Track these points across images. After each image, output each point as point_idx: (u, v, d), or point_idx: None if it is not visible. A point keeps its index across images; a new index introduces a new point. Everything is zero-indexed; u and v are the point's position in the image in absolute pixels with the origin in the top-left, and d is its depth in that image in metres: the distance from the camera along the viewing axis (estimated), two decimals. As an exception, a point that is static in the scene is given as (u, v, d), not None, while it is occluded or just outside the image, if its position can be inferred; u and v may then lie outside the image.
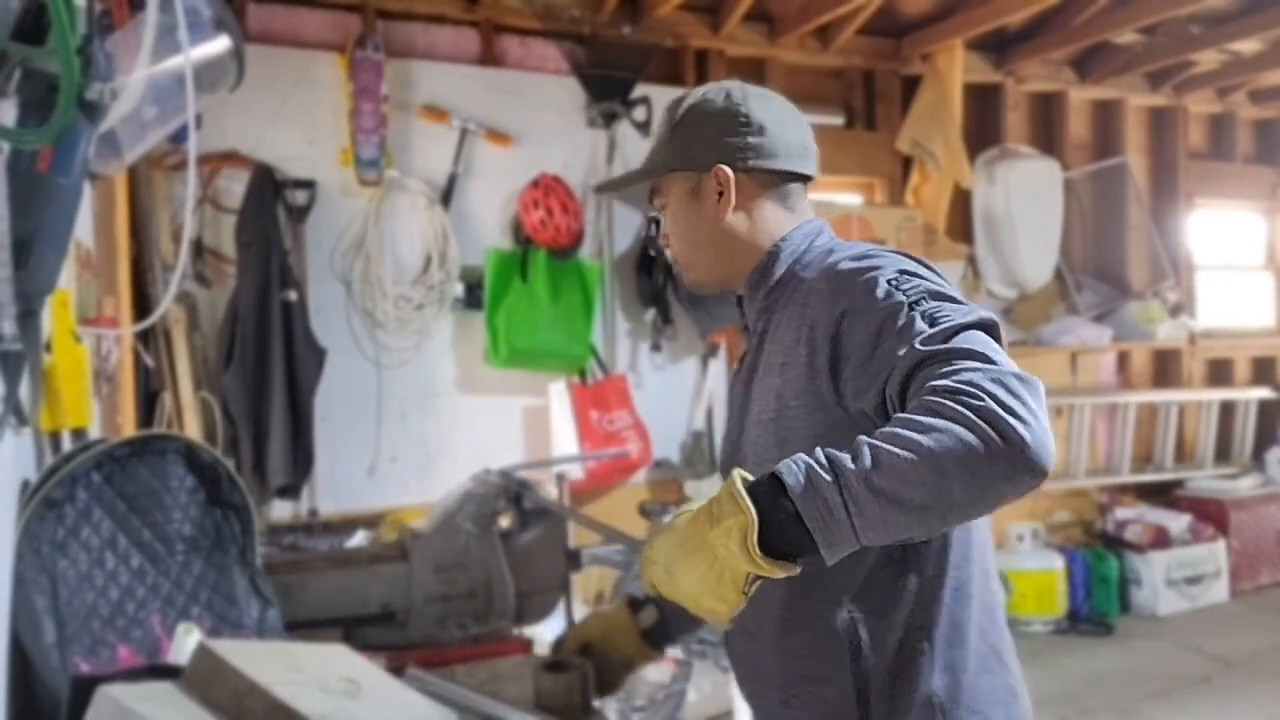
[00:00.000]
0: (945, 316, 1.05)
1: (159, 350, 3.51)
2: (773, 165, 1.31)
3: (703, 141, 1.30)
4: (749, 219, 1.31)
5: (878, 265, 1.14)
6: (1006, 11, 4.61)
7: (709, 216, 1.31)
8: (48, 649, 1.65)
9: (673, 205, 1.35)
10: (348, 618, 3.07)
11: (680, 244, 1.36)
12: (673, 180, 1.34)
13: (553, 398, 4.21)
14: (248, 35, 3.55)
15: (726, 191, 1.29)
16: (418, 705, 1.54)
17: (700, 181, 1.31)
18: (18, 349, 1.18)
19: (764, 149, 1.30)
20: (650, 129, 4.31)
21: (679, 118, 1.32)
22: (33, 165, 1.19)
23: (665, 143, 1.34)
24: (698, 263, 1.36)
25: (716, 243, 1.32)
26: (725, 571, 0.98)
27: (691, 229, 1.33)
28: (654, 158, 1.36)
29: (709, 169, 1.29)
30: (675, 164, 1.32)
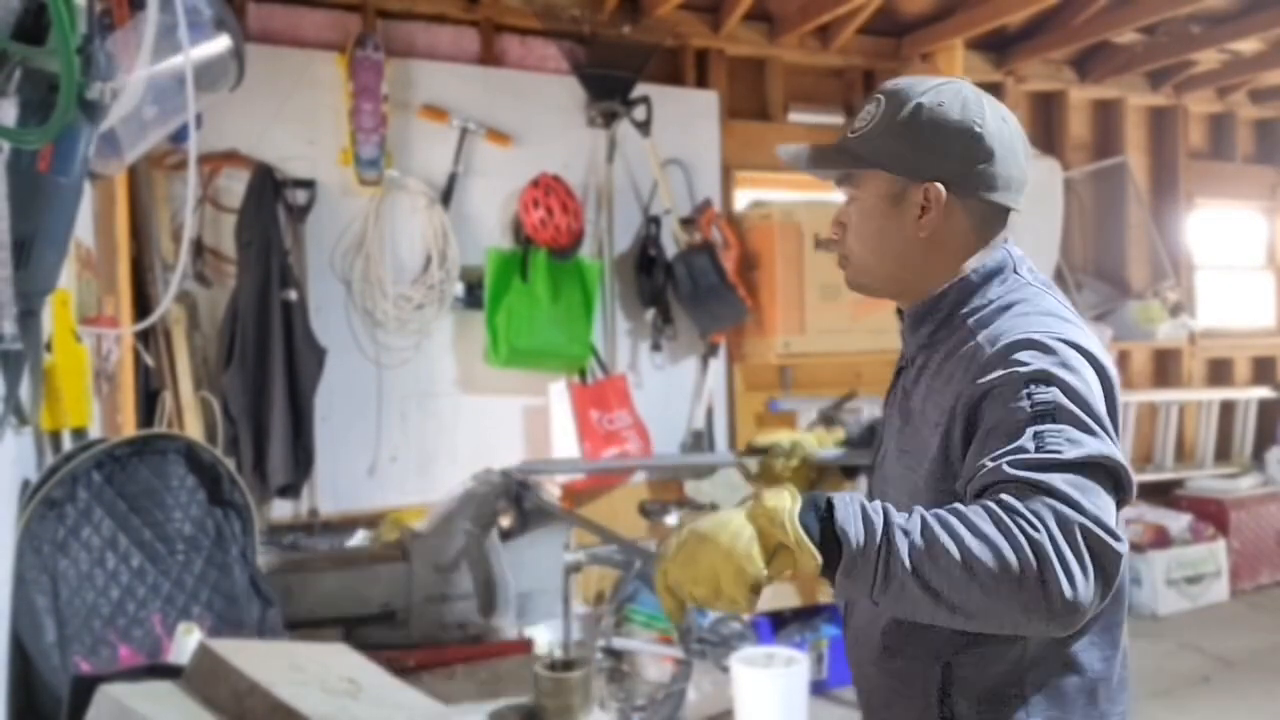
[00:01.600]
0: (1056, 446, 1.00)
1: (159, 350, 3.51)
2: (990, 198, 1.22)
3: (927, 151, 1.20)
4: (943, 243, 1.23)
5: (1025, 362, 1.07)
6: (1006, 11, 4.61)
7: (904, 228, 1.23)
8: (48, 648, 1.65)
9: (867, 202, 1.26)
10: (348, 618, 3.07)
11: (861, 245, 1.27)
12: (876, 176, 1.24)
13: (553, 397, 4.21)
14: (248, 35, 3.55)
15: (932, 211, 1.21)
16: (418, 705, 1.54)
17: (906, 189, 1.22)
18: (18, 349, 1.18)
19: (987, 178, 1.21)
20: (650, 128, 4.32)
21: (906, 115, 1.21)
22: (33, 165, 1.19)
23: (883, 135, 1.22)
24: (873, 269, 1.28)
25: (902, 256, 1.24)
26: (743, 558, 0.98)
27: (880, 234, 1.25)
28: (865, 145, 1.24)
29: (921, 181, 1.21)
30: (888, 164, 1.22)
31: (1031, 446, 1.00)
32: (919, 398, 1.23)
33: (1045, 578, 0.91)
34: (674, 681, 3.63)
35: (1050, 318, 1.15)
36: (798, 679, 3.47)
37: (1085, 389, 1.06)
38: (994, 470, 1.00)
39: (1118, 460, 1.03)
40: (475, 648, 2.84)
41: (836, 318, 4.55)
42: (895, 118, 1.21)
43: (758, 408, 4.77)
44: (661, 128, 4.36)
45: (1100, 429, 1.04)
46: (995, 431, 1.05)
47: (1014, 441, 1.01)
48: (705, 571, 0.99)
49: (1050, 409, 1.03)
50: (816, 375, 4.79)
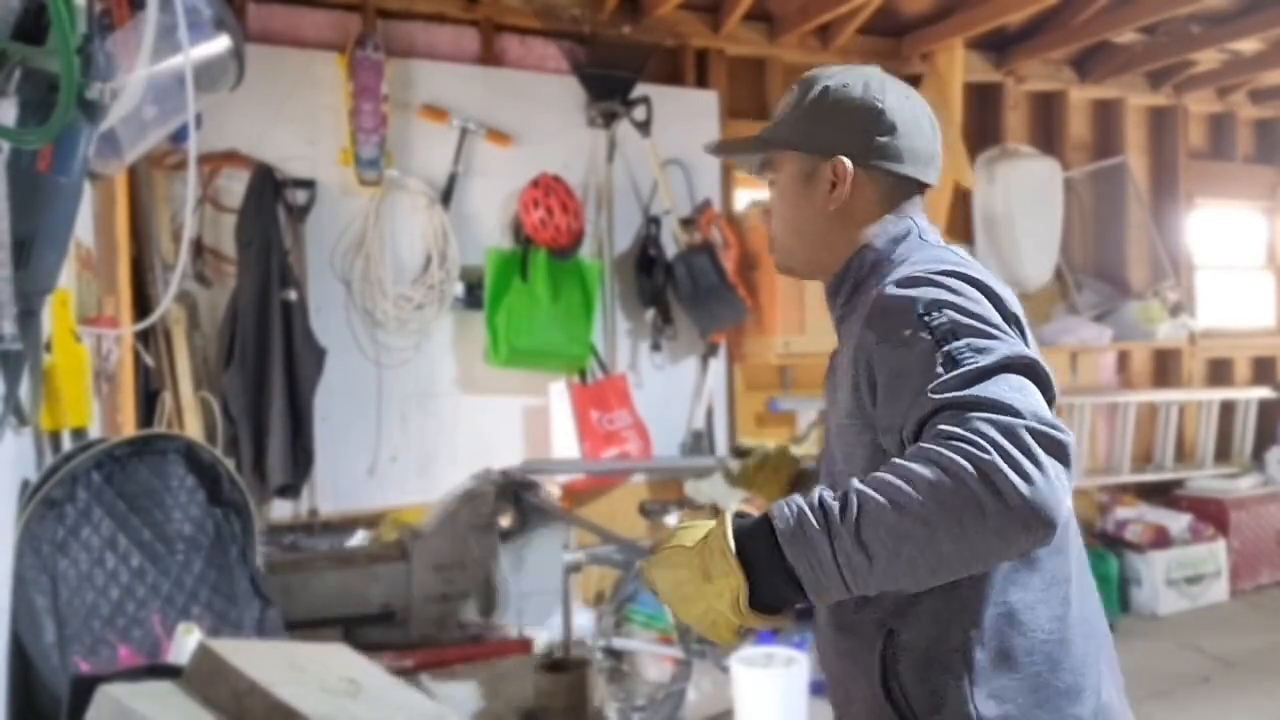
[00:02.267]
0: (968, 359, 1.00)
1: (159, 350, 3.51)
2: (894, 168, 1.27)
3: (831, 128, 1.26)
4: (853, 217, 1.27)
5: (912, 295, 1.09)
6: (1006, 11, 4.61)
7: (816, 204, 1.28)
8: (48, 648, 1.65)
9: (782, 183, 1.32)
10: (348, 617, 3.08)
11: (782, 226, 1.33)
12: (790, 159, 1.30)
13: (553, 397, 4.21)
14: (248, 35, 3.55)
15: (840, 185, 1.26)
16: (418, 705, 1.54)
17: (816, 167, 1.27)
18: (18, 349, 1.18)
19: (890, 150, 1.26)
20: (649, 128, 4.32)
21: (813, 97, 1.27)
22: (33, 165, 1.19)
23: (792, 119, 1.29)
24: (791, 248, 1.33)
25: (815, 232, 1.29)
26: (719, 619, 1.02)
27: (794, 212, 1.30)
28: (778, 130, 1.31)
29: (829, 157, 1.26)
30: (797, 143, 1.28)
31: (944, 371, 1.00)
32: (841, 365, 1.24)
33: (998, 486, 0.89)
34: (674, 681, 3.63)
35: (934, 261, 1.17)
36: (797, 679, 3.47)
37: (975, 305, 1.07)
38: (922, 402, 1.00)
39: (1032, 356, 1.03)
40: (475, 648, 2.84)
41: (836, 318, 4.55)
42: (804, 101, 1.28)
43: (758, 408, 4.77)
44: (661, 128, 4.36)
45: (1003, 334, 1.04)
46: (905, 371, 1.05)
47: (928, 370, 1.02)
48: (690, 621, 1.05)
49: (948, 328, 1.04)
50: (816, 375, 4.78)
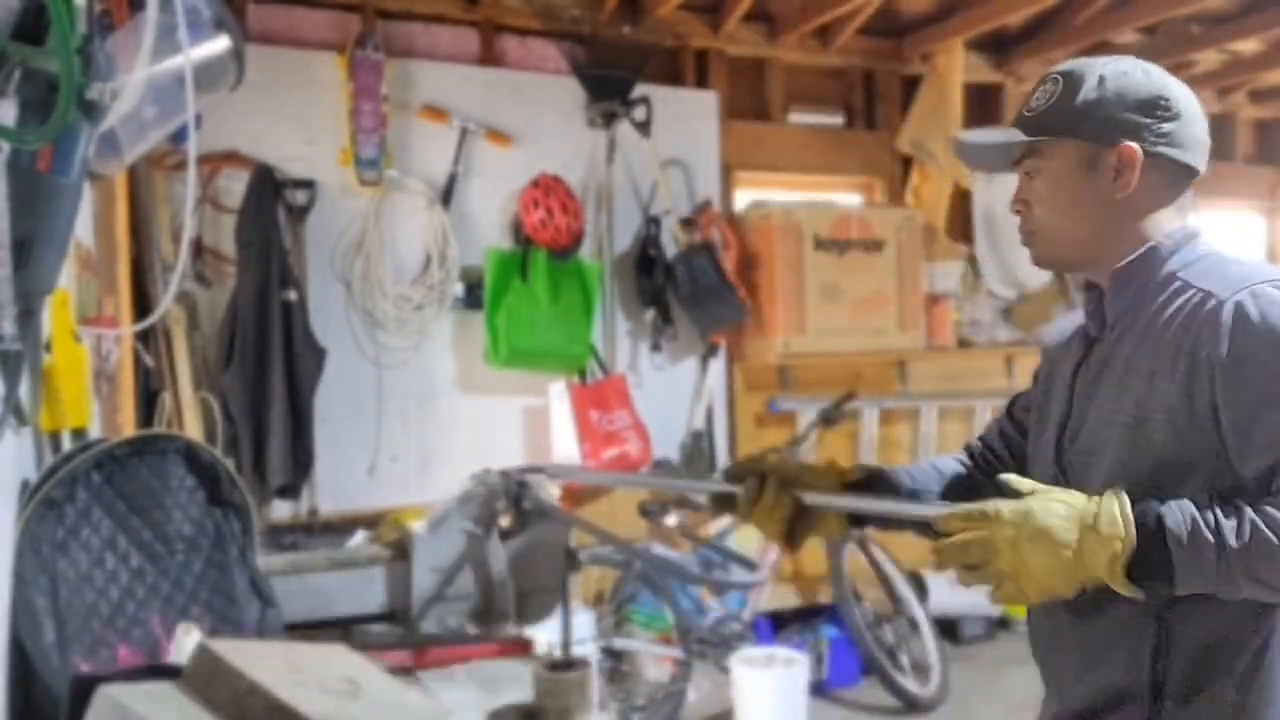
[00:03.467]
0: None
1: (159, 350, 3.51)
2: (1179, 156, 1.25)
3: (1118, 114, 1.23)
4: (1139, 206, 1.25)
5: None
6: (1006, 11, 4.61)
7: (1100, 193, 1.24)
8: (48, 649, 1.65)
9: (1056, 172, 1.27)
10: (348, 618, 3.07)
11: (1052, 214, 1.28)
12: (1065, 147, 1.26)
13: (553, 398, 4.21)
14: (248, 35, 3.55)
15: (1127, 172, 1.23)
16: (418, 705, 1.54)
17: (1099, 155, 1.24)
18: (18, 349, 1.18)
19: (1175, 137, 1.24)
20: (649, 129, 4.32)
21: (1094, 83, 1.24)
22: (33, 165, 1.19)
23: (1070, 108, 1.25)
24: (1065, 238, 1.29)
25: (1098, 221, 1.26)
26: (1077, 570, 1.06)
27: (1074, 202, 1.26)
28: (1047, 120, 1.26)
29: (1114, 144, 1.23)
30: (1082, 131, 1.24)
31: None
32: (1123, 357, 1.24)
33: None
34: (674, 681, 3.63)
35: (1266, 266, 1.19)
36: (798, 679, 3.47)
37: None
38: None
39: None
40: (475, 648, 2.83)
41: (836, 318, 4.55)
42: (1079, 90, 1.24)
43: (758, 408, 4.77)
44: (661, 128, 4.36)
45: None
46: (1264, 409, 1.09)
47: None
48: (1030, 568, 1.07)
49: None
50: (816, 375, 4.78)
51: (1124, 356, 1.24)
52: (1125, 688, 1.20)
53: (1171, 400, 1.15)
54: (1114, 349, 1.26)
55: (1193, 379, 1.13)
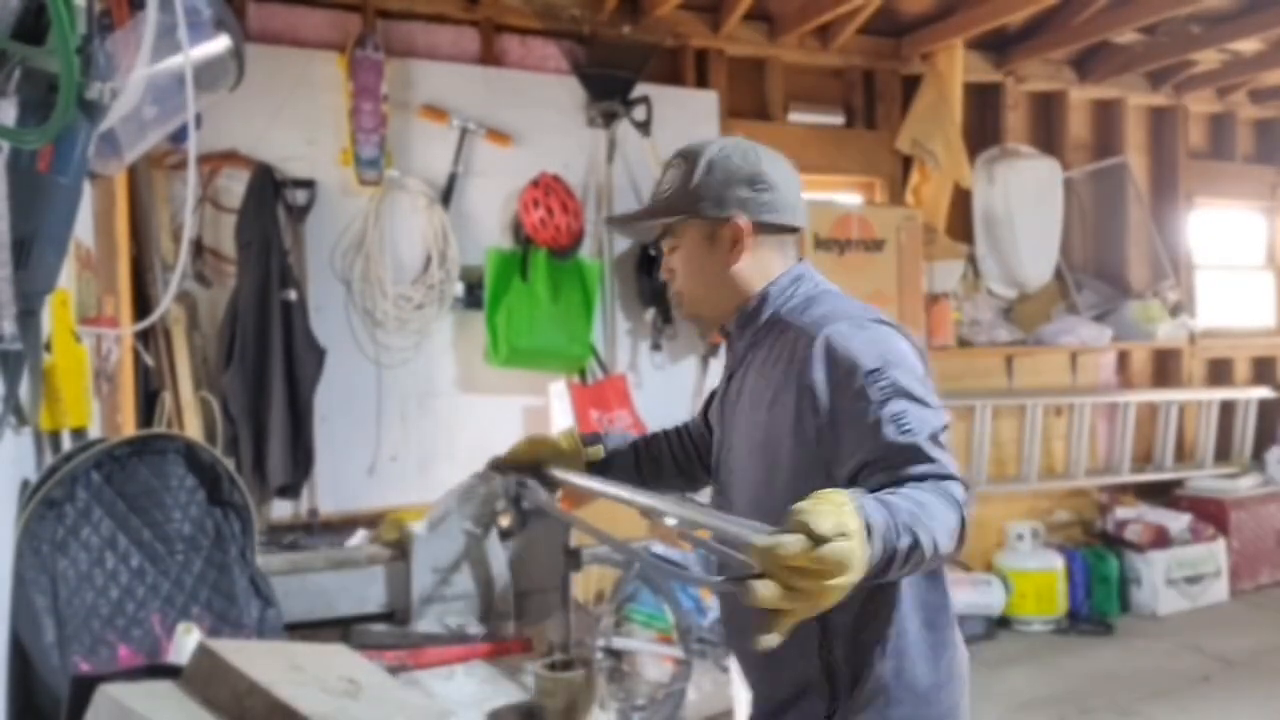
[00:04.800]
0: (908, 425, 1.25)
1: (159, 350, 3.51)
2: (779, 220, 1.48)
3: (724, 194, 1.45)
4: (752, 265, 1.48)
5: (863, 353, 1.31)
6: (1006, 11, 4.61)
7: (720, 261, 1.47)
8: (48, 648, 1.65)
9: (687, 247, 1.50)
10: (348, 618, 3.07)
11: (690, 283, 1.52)
12: (690, 225, 1.49)
13: (553, 397, 4.20)
14: (248, 35, 3.55)
15: (741, 241, 1.46)
16: (418, 705, 1.54)
17: (716, 230, 1.47)
18: (18, 349, 1.18)
19: (773, 204, 1.47)
20: (649, 128, 4.32)
21: (704, 168, 1.47)
22: (33, 165, 1.19)
23: (685, 191, 1.47)
24: (703, 300, 1.52)
25: (723, 284, 1.49)
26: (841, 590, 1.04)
27: (703, 270, 1.49)
28: (674, 202, 1.49)
29: (727, 220, 1.45)
30: (698, 211, 1.46)
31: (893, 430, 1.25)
32: (749, 390, 1.46)
33: (959, 548, 1.20)
34: (674, 681, 3.63)
35: (855, 307, 1.43)
36: (798, 679, 3.46)
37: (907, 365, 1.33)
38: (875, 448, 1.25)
39: (946, 423, 1.31)
40: (475, 648, 2.83)
41: (836, 318, 4.55)
42: (691, 172, 1.48)
43: (758, 408, 4.77)
44: (661, 128, 4.36)
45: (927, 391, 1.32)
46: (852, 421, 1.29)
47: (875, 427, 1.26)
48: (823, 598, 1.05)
49: (890, 393, 1.28)
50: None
51: (750, 386, 1.47)
52: (805, 679, 1.39)
53: (788, 425, 1.37)
54: (742, 382, 1.49)
55: (802, 407, 1.35)
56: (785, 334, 1.42)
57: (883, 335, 1.35)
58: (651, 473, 1.79)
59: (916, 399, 1.29)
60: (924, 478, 1.21)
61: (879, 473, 1.24)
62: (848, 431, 1.30)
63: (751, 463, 1.44)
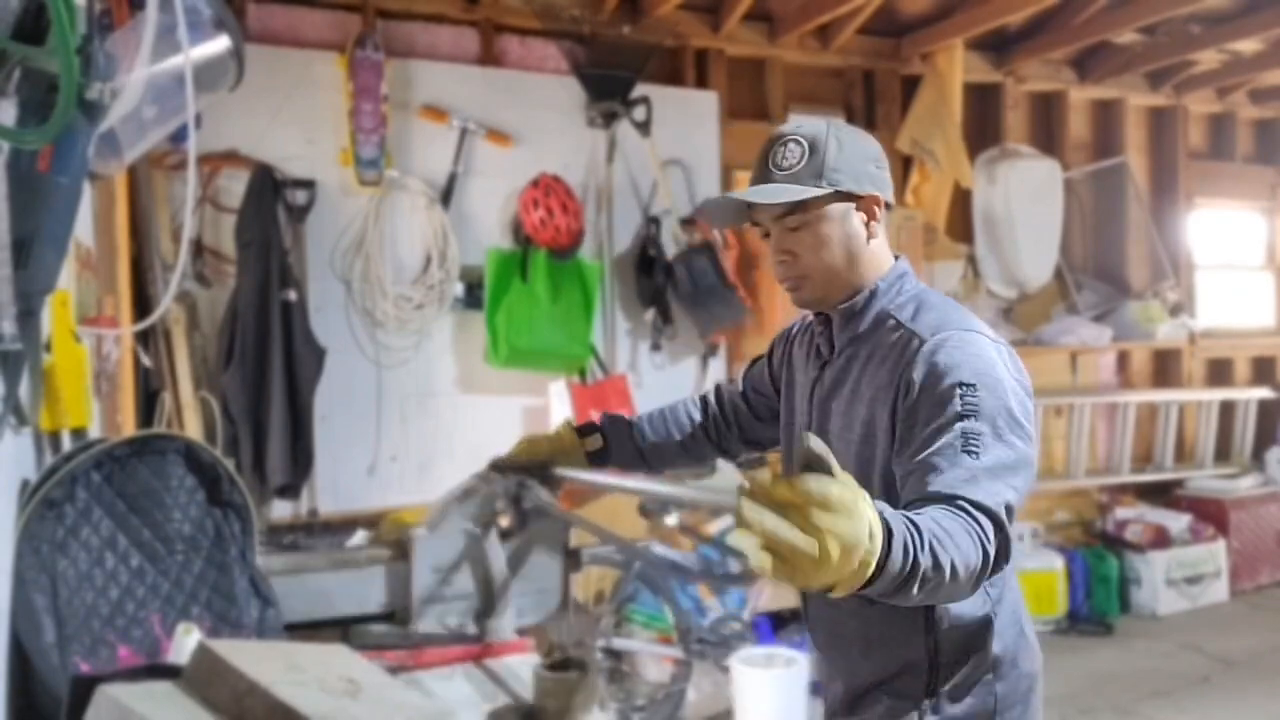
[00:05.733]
0: (975, 448, 1.22)
1: (159, 350, 3.51)
2: (890, 199, 1.50)
3: (865, 171, 1.45)
4: (875, 246, 1.47)
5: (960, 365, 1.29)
6: (1006, 11, 4.61)
7: (857, 239, 1.45)
8: (48, 648, 1.65)
9: (821, 225, 1.44)
10: (347, 618, 3.07)
11: (816, 260, 1.45)
12: (829, 201, 1.43)
13: (553, 397, 4.20)
14: (248, 35, 3.55)
15: (874, 220, 1.46)
16: (418, 705, 1.54)
17: (849, 206, 1.44)
18: (18, 349, 1.18)
19: (889, 185, 1.49)
20: (649, 129, 4.32)
21: (835, 145, 1.44)
22: (33, 165, 1.19)
23: (823, 166, 1.42)
24: (833, 280, 1.46)
25: (848, 263, 1.45)
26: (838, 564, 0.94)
27: (844, 248, 1.45)
28: (808, 177, 1.42)
29: (864, 197, 1.44)
30: (847, 187, 1.43)
31: (961, 448, 1.22)
32: (851, 381, 1.45)
33: (982, 576, 1.15)
34: (674, 681, 3.63)
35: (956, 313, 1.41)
36: (797, 679, 3.47)
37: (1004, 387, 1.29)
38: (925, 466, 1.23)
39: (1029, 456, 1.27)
40: (475, 648, 2.83)
41: (836, 318, 4.55)
42: (825, 150, 1.43)
43: (758, 408, 4.77)
44: (661, 128, 4.36)
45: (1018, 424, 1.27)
46: (928, 428, 1.26)
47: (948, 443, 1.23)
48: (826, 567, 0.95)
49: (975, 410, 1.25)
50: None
51: (851, 380, 1.45)
52: (905, 660, 1.43)
53: (885, 421, 1.36)
54: (843, 373, 1.47)
55: (897, 400, 1.33)
56: (895, 333, 1.41)
57: (989, 354, 1.33)
58: (654, 455, 1.77)
59: (998, 431, 1.25)
60: (959, 504, 1.16)
61: (923, 484, 1.21)
62: (919, 433, 1.27)
63: (848, 451, 1.42)
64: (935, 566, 1.07)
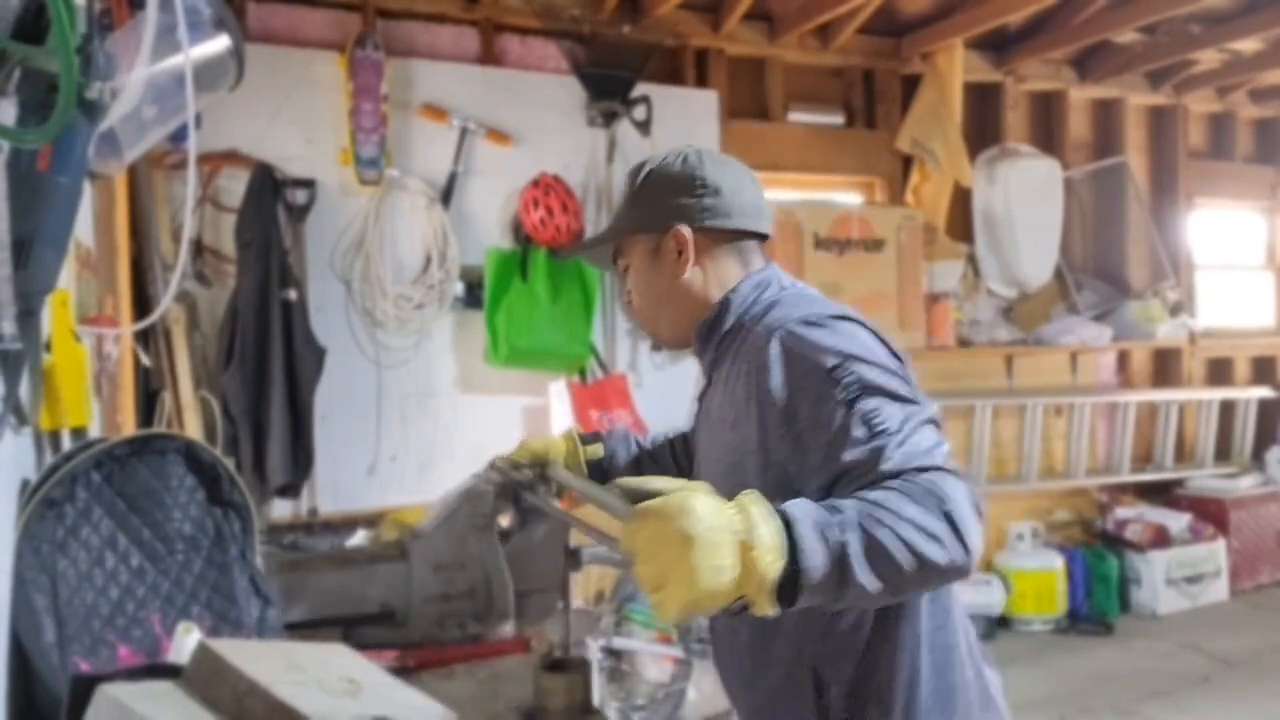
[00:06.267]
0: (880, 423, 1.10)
1: (159, 350, 3.51)
2: (726, 224, 1.38)
3: (662, 204, 1.38)
4: (705, 275, 1.39)
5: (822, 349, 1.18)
6: (1006, 11, 4.61)
7: (668, 274, 1.39)
8: (48, 649, 1.65)
9: (635, 265, 1.44)
10: (348, 618, 3.07)
11: (643, 301, 1.45)
12: (635, 242, 1.43)
13: (553, 397, 4.20)
14: (248, 35, 3.55)
15: (685, 250, 1.37)
16: (418, 705, 1.54)
17: (660, 242, 1.39)
18: (18, 349, 1.18)
19: (719, 209, 1.38)
20: (649, 128, 4.32)
21: (639, 184, 1.41)
22: (33, 165, 1.19)
23: (628, 207, 1.42)
24: (659, 319, 1.44)
25: (676, 299, 1.40)
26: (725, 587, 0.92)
27: (652, 287, 1.42)
28: (617, 222, 1.45)
29: (667, 230, 1.38)
30: (637, 227, 1.41)
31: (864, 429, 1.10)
32: (715, 408, 1.36)
33: (966, 542, 1.00)
34: (674, 681, 3.63)
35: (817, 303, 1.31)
36: (797, 679, 3.47)
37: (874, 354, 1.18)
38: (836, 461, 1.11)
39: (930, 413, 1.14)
40: (475, 648, 2.83)
41: (836, 318, 4.55)
42: (633, 189, 1.42)
43: (758, 408, 4.77)
44: (661, 127, 4.36)
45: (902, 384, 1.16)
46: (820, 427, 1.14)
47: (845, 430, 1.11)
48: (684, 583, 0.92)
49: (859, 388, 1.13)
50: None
51: (715, 406, 1.37)
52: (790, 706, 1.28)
53: (753, 443, 1.24)
54: (710, 400, 1.40)
55: (765, 420, 1.22)
56: (746, 342, 1.30)
57: (843, 329, 1.21)
58: (653, 473, 1.69)
59: (889, 393, 1.13)
60: (898, 475, 1.04)
61: (854, 483, 1.07)
62: (813, 440, 1.15)
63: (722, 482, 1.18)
64: (877, 546, 0.96)
